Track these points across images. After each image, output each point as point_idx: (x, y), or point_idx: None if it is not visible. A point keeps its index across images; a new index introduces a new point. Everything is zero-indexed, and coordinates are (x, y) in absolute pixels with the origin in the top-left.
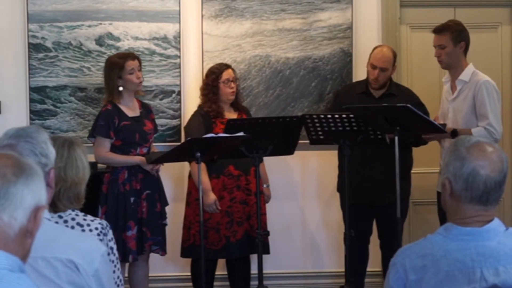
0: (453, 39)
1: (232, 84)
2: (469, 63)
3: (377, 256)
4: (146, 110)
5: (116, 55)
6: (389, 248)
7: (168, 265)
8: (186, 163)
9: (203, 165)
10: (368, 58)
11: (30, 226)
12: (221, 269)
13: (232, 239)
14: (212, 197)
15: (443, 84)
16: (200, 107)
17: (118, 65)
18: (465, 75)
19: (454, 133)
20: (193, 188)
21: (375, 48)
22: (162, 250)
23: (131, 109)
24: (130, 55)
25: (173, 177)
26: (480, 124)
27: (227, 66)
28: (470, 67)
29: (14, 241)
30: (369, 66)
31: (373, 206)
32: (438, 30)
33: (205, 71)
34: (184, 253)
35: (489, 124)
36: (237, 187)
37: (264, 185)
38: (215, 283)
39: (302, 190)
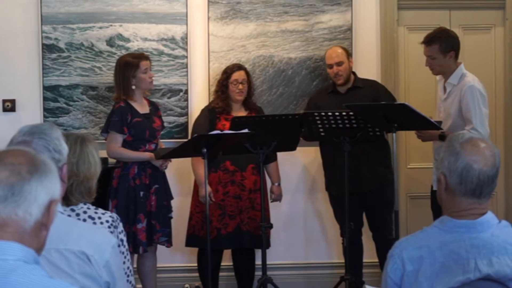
0: (442, 51)
1: (240, 86)
2: (460, 64)
3: (373, 248)
4: (154, 108)
5: (129, 55)
6: (381, 238)
7: (175, 256)
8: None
9: (201, 159)
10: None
11: (45, 220)
12: (227, 260)
13: (222, 231)
14: (208, 189)
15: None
16: (210, 103)
17: (134, 64)
18: (454, 78)
19: (442, 137)
20: (196, 181)
21: (326, 51)
22: (168, 242)
23: (141, 106)
24: (143, 56)
25: (179, 172)
26: (466, 127)
27: (240, 68)
28: (460, 70)
29: (30, 234)
30: (327, 69)
31: (359, 194)
32: (427, 42)
33: (211, 71)
34: (186, 242)
35: (473, 128)
36: (232, 182)
37: (276, 184)
38: (221, 274)
39: (304, 184)
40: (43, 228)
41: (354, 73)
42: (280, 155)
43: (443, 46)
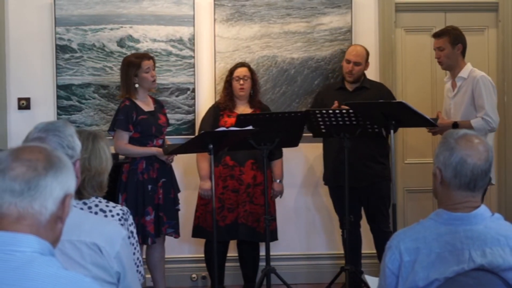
0: (451, 42)
1: (242, 81)
2: (468, 63)
3: (372, 240)
4: (159, 106)
5: (132, 55)
6: (378, 231)
7: (183, 247)
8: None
9: (206, 154)
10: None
11: (60, 213)
12: (232, 251)
13: (221, 223)
14: (208, 184)
15: (438, 84)
16: (217, 100)
17: (136, 64)
18: (463, 73)
19: (455, 126)
20: None
21: (350, 46)
22: (176, 233)
23: (146, 104)
24: (146, 55)
25: (186, 166)
26: (478, 115)
27: (242, 65)
28: (468, 66)
29: (45, 227)
30: (344, 62)
31: (355, 189)
32: (438, 35)
33: (217, 71)
34: (193, 233)
35: (486, 114)
36: (231, 177)
37: (277, 180)
38: (227, 264)
39: (306, 178)
40: (59, 221)
41: (363, 74)
42: (285, 150)
43: (452, 38)
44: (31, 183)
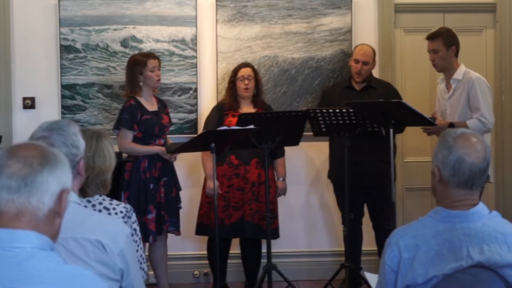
0: (445, 44)
1: (246, 81)
2: (461, 64)
3: (372, 237)
4: (163, 105)
5: (139, 54)
6: (380, 228)
7: (186, 245)
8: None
9: (210, 153)
10: (351, 56)
11: (57, 208)
12: (235, 249)
13: (226, 221)
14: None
15: (436, 84)
16: (221, 100)
17: (141, 62)
18: (458, 74)
19: (451, 126)
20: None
21: (356, 46)
22: (177, 231)
23: (150, 103)
24: (151, 55)
25: (188, 165)
26: (474, 116)
27: (246, 65)
28: (462, 67)
29: (44, 222)
30: (352, 62)
31: (360, 187)
32: (431, 37)
33: (219, 70)
34: (196, 231)
35: (481, 115)
36: (236, 175)
37: (280, 179)
38: (229, 261)
39: (306, 177)
40: (57, 216)
41: (371, 73)
42: (287, 149)
43: (446, 40)
44: (28, 179)
